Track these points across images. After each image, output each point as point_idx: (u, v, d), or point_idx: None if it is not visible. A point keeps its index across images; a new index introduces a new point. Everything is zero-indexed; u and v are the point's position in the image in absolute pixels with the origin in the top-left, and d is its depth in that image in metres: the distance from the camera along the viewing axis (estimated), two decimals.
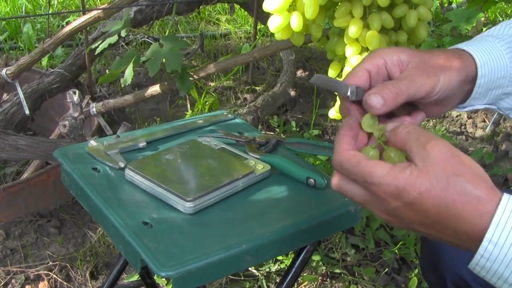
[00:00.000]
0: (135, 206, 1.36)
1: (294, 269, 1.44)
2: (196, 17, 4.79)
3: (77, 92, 2.23)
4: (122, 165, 1.48)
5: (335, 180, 1.01)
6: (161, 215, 1.33)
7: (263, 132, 3.02)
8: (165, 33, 4.25)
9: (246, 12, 4.41)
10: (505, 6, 4.73)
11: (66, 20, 4.42)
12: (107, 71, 3.73)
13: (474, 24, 3.64)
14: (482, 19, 4.01)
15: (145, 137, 1.62)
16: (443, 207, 0.89)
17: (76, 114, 2.23)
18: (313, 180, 1.45)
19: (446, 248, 1.43)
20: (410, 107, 1.13)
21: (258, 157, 1.54)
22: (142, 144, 1.59)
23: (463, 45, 1.19)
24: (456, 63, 1.13)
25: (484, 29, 4.21)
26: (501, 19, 4.72)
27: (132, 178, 1.42)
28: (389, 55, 1.11)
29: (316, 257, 2.48)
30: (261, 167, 1.49)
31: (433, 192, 0.89)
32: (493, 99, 1.22)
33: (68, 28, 2.45)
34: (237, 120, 1.78)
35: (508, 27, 1.27)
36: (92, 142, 1.56)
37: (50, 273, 2.41)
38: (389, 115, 1.11)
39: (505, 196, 0.88)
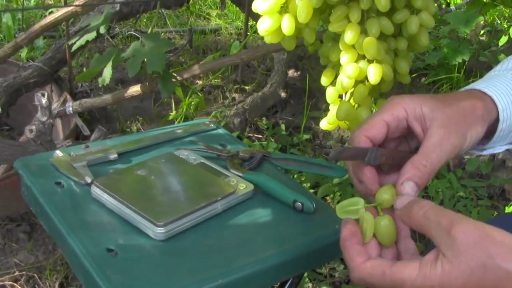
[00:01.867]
0: (99, 230, 1.21)
1: None
2: (186, 11, 4.65)
3: (46, 94, 2.08)
4: (88, 180, 1.34)
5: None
6: (128, 241, 1.19)
7: (250, 134, 2.89)
8: (153, 27, 4.11)
9: (237, 8, 4.28)
10: (504, 10, 4.62)
11: (49, 10, 4.26)
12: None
13: (473, 27, 3.54)
14: (481, 22, 3.89)
15: (117, 147, 1.47)
16: None
17: (44, 118, 2.07)
18: (300, 204, 1.32)
19: None
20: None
21: (241, 174, 1.40)
22: (113, 156, 1.44)
23: (482, 86, 1.09)
24: (480, 112, 1.04)
25: (482, 31, 4.10)
26: (499, 21, 4.61)
27: (99, 196, 1.28)
28: (411, 107, 1.03)
29: None
30: (243, 187, 1.35)
31: (470, 285, 0.83)
32: None
33: (43, 22, 2.31)
34: (219, 131, 1.63)
35: None
36: (58, 153, 1.42)
37: (15, 284, 2.26)
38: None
39: None
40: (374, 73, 1.57)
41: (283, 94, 3.50)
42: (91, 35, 2.14)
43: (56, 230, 1.22)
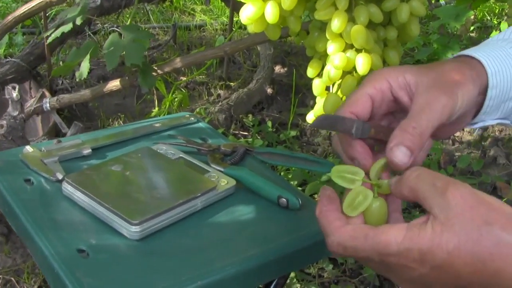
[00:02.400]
0: (70, 229, 1.13)
1: None
2: (170, 6, 4.58)
3: (16, 87, 1.99)
4: (59, 176, 1.25)
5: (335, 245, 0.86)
6: (101, 240, 1.11)
7: (237, 132, 2.81)
8: (136, 22, 4.03)
9: (222, 3, 4.21)
10: (494, 6, 4.57)
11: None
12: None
13: (463, 23, 3.48)
14: (472, 17, 3.83)
15: (90, 142, 1.39)
16: (478, 264, 0.76)
17: (15, 113, 1.99)
18: (285, 200, 1.24)
19: None
20: None
21: (222, 169, 1.32)
22: (86, 151, 1.36)
23: (470, 51, 1.01)
24: (468, 72, 0.95)
25: (472, 28, 4.04)
26: (488, 17, 4.56)
27: (70, 193, 1.20)
28: (393, 77, 0.96)
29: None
30: (224, 182, 1.27)
31: (464, 249, 0.76)
32: (507, 112, 1.03)
33: (16, 13, 2.22)
34: (200, 124, 1.55)
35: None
36: (28, 148, 1.34)
37: None
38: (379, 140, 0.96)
39: None
40: (363, 63, 1.50)
41: (269, 90, 3.43)
42: (67, 27, 2.05)
43: (24, 229, 1.14)
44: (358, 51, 1.52)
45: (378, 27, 1.56)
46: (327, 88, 1.64)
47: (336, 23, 1.46)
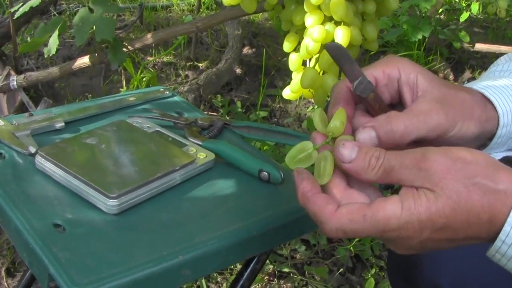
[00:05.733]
0: (45, 203, 1.09)
1: (242, 282, 1.18)
2: None
3: None
4: (32, 150, 1.21)
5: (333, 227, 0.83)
6: (77, 215, 1.07)
7: (206, 113, 2.77)
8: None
9: None
10: None
11: None
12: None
13: (434, 3, 3.47)
14: None
15: (63, 116, 1.34)
16: (473, 219, 0.78)
17: None
18: (266, 174, 1.21)
19: (420, 255, 1.22)
20: None
21: (200, 143, 1.28)
22: (59, 125, 1.32)
23: (482, 87, 0.99)
24: (478, 113, 0.94)
25: (440, 10, 4.03)
26: (457, 0, 4.55)
27: (44, 167, 1.15)
28: (406, 70, 0.94)
29: None
30: (203, 156, 1.23)
31: (459, 209, 0.77)
32: None
33: None
34: (175, 98, 1.51)
35: None
36: None
37: None
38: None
39: None
40: (342, 35, 1.47)
41: (238, 71, 3.39)
42: (36, 1, 1.99)
43: None
44: (337, 24, 1.50)
45: (357, 0, 1.54)
46: (304, 64, 1.62)
47: None
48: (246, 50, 3.69)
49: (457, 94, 0.94)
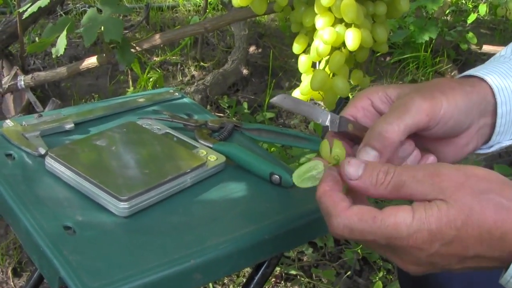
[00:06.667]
0: (55, 205, 1.08)
1: (252, 286, 1.17)
2: None
3: None
4: (42, 151, 1.21)
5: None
6: (87, 217, 1.06)
7: (214, 114, 2.77)
8: None
9: None
10: None
11: None
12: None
13: (441, 4, 3.46)
14: (448, 0, 3.81)
15: (73, 117, 1.34)
16: (485, 234, 0.76)
17: None
18: (278, 177, 1.20)
19: None
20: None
21: (211, 145, 1.28)
22: (69, 126, 1.31)
23: (472, 71, 1.00)
24: (457, 86, 0.94)
25: (447, 11, 4.03)
26: (464, 1, 4.54)
27: (54, 168, 1.15)
28: (373, 93, 0.98)
29: None
30: (214, 159, 1.23)
31: (471, 223, 0.76)
32: None
33: None
34: (185, 100, 1.50)
35: None
36: (8, 122, 1.29)
37: None
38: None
39: None
40: (353, 38, 1.46)
41: (245, 71, 3.39)
42: (44, 1, 1.98)
43: (6, 206, 1.09)
44: (348, 26, 1.49)
45: (367, 1, 1.53)
46: (313, 65, 1.61)
47: None
48: (252, 51, 3.69)
49: (430, 82, 0.96)
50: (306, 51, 1.61)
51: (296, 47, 1.62)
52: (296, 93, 1.63)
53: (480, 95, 0.95)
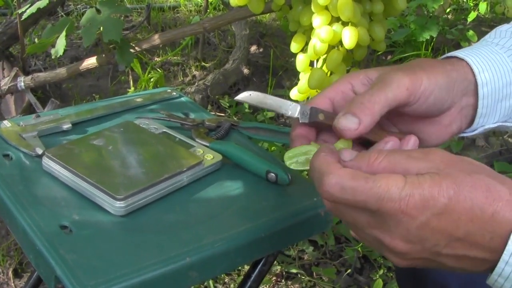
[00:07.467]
0: (52, 205, 1.09)
1: (249, 283, 1.18)
2: None
3: None
4: (39, 151, 1.21)
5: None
6: (84, 216, 1.07)
7: (214, 113, 2.77)
8: None
9: None
10: None
11: None
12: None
13: (442, 2, 3.46)
14: None
15: (70, 117, 1.34)
16: (477, 210, 0.75)
17: None
18: (274, 175, 1.20)
19: None
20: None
21: (207, 144, 1.28)
22: (66, 126, 1.31)
23: (454, 53, 1.00)
24: (437, 64, 0.95)
25: (448, 10, 4.02)
26: (464, 0, 4.55)
27: (51, 168, 1.15)
28: (354, 77, 0.97)
29: None
30: (210, 157, 1.23)
31: (462, 195, 0.75)
32: (506, 113, 1.02)
33: None
34: (182, 99, 1.51)
35: (500, 32, 1.07)
36: (6, 123, 1.29)
37: None
38: (364, 143, 0.93)
39: None
40: (350, 36, 1.47)
41: (245, 71, 3.39)
42: (43, 2, 1.99)
43: (4, 205, 1.10)
44: (345, 24, 1.49)
45: (364, 0, 1.53)
46: (311, 64, 1.61)
47: None
48: (253, 50, 3.69)
49: (410, 62, 0.96)
50: (304, 49, 1.61)
51: (294, 46, 1.62)
52: (294, 92, 1.64)
53: (460, 73, 0.95)
